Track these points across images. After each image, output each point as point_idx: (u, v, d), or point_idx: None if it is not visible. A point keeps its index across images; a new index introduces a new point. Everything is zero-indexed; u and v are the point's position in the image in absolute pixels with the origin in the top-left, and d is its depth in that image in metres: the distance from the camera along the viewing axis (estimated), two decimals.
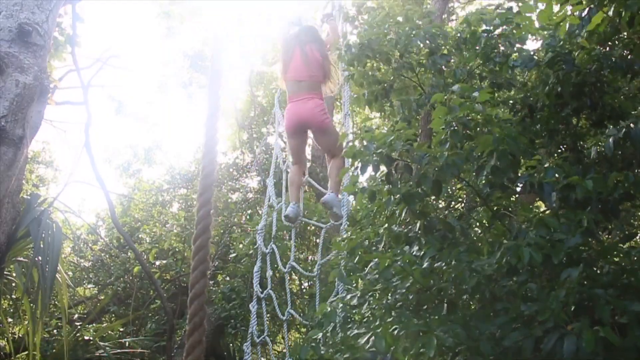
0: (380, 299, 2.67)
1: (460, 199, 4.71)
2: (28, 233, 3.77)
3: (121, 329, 7.85)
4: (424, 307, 2.59)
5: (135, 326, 8.03)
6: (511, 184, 2.60)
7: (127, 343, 6.90)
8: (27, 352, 4.20)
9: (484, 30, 3.48)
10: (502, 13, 3.50)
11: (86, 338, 6.33)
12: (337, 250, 3.73)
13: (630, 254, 2.32)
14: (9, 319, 5.89)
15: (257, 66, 9.86)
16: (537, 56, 3.45)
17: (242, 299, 6.89)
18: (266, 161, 8.47)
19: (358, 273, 2.94)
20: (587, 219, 2.25)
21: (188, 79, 10.79)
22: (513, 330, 2.15)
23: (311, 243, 7.67)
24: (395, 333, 2.21)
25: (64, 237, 6.52)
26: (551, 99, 3.38)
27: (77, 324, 6.70)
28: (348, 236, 3.26)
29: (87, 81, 6.26)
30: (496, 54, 3.42)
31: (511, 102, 3.72)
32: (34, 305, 4.07)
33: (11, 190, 3.41)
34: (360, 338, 2.36)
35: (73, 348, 6.03)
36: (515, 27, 3.45)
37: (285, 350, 4.61)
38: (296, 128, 4.45)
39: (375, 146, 2.66)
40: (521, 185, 2.63)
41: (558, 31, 3.19)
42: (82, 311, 8.54)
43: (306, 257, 7.48)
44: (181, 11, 10.46)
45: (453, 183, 4.17)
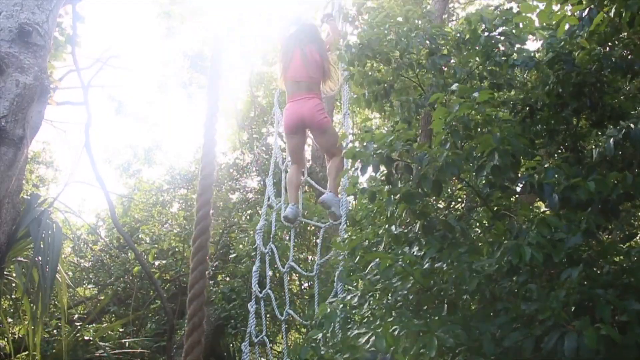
0: (380, 299, 2.67)
1: (460, 199, 4.71)
2: (28, 233, 3.77)
3: (121, 329, 7.84)
4: (425, 308, 2.59)
5: (135, 326, 8.03)
6: (511, 184, 2.60)
7: (127, 343, 6.90)
8: (27, 352, 4.20)
9: (485, 28, 3.48)
10: (502, 12, 3.50)
11: (86, 338, 6.33)
12: (337, 250, 3.74)
13: (630, 254, 2.32)
14: (9, 319, 5.88)
15: (258, 66, 9.86)
16: (537, 56, 3.45)
17: (242, 299, 6.88)
18: (266, 161, 8.47)
19: (358, 273, 2.94)
20: (588, 221, 2.25)
21: (188, 79, 10.79)
22: (513, 330, 2.15)
23: (311, 243, 7.66)
24: (395, 333, 2.21)
25: (64, 237, 6.52)
26: (551, 99, 3.38)
27: (77, 324, 6.69)
28: (349, 236, 3.26)
29: (87, 81, 6.27)
30: (496, 53, 3.42)
31: (511, 103, 3.71)
32: (34, 305, 4.07)
33: (11, 190, 3.41)
34: (360, 338, 2.37)
35: (73, 348, 6.03)
36: (515, 27, 3.45)
37: (287, 349, 4.60)
38: (295, 127, 4.45)
39: (375, 146, 2.66)
40: (521, 185, 2.63)
41: (558, 31, 3.19)
42: (82, 311, 8.53)
43: (306, 257, 7.47)
44: (181, 11, 10.46)
45: (453, 183, 4.17)
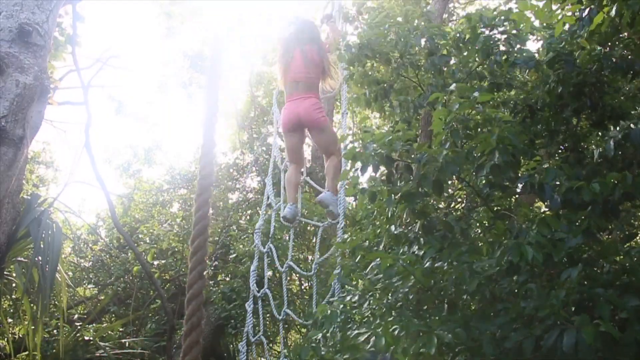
0: (380, 299, 2.68)
1: (460, 199, 4.71)
2: (28, 233, 3.77)
3: (121, 329, 7.83)
4: (425, 307, 2.59)
5: (135, 326, 8.02)
6: (511, 184, 2.60)
7: (127, 343, 6.89)
8: (27, 352, 4.20)
9: (485, 25, 3.48)
10: (502, 12, 3.50)
11: (86, 338, 6.32)
12: (337, 249, 3.74)
13: (630, 254, 2.32)
14: (9, 319, 5.88)
15: (258, 66, 9.86)
16: (538, 56, 3.45)
17: (243, 299, 6.87)
18: (266, 161, 8.46)
19: (359, 272, 2.94)
20: (590, 222, 2.25)
21: (188, 79, 10.78)
22: (513, 330, 2.15)
23: (311, 243, 7.65)
24: (395, 333, 2.21)
25: (64, 237, 6.52)
26: (552, 98, 3.38)
27: (77, 324, 6.69)
28: (349, 236, 3.26)
29: (87, 81, 6.25)
30: (496, 53, 3.42)
31: (511, 103, 3.71)
32: (34, 305, 4.07)
33: (11, 190, 3.41)
34: (360, 337, 2.37)
35: (73, 348, 6.03)
36: (514, 26, 3.44)
37: (284, 350, 4.60)
38: (293, 126, 4.47)
39: (375, 146, 2.66)
40: (521, 185, 2.63)
41: (555, 31, 3.19)
42: (82, 311, 8.53)
43: (306, 257, 7.47)
44: (181, 11, 10.46)
45: (453, 183, 4.17)
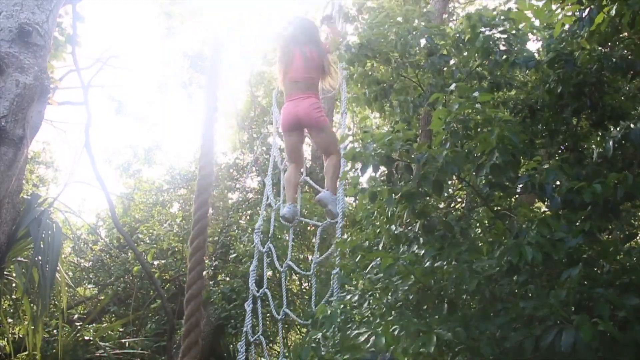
0: (380, 299, 2.68)
1: (460, 199, 4.70)
2: (28, 233, 3.78)
3: (121, 329, 7.83)
4: (425, 307, 2.59)
5: (135, 326, 8.02)
6: (511, 184, 2.60)
7: (127, 343, 6.89)
8: (27, 353, 4.20)
9: (485, 24, 3.48)
10: (501, 12, 3.50)
11: (86, 338, 6.32)
12: (337, 249, 3.73)
13: (630, 253, 2.32)
14: (9, 319, 5.88)
15: (258, 66, 9.85)
16: (538, 56, 3.44)
17: (243, 299, 6.86)
18: (266, 161, 8.46)
19: (359, 272, 2.94)
20: (592, 225, 2.25)
21: (188, 79, 10.77)
22: (513, 330, 2.15)
23: (311, 243, 7.65)
24: (395, 332, 2.21)
25: (64, 237, 6.52)
26: (552, 96, 3.38)
27: (77, 324, 6.69)
28: (349, 236, 3.26)
29: (87, 81, 6.25)
30: (496, 52, 3.42)
31: (511, 103, 3.71)
32: (34, 305, 4.07)
33: (11, 190, 3.41)
34: (360, 337, 2.37)
35: (73, 348, 6.03)
36: (513, 27, 3.44)
37: (284, 350, 4.59)
38: (292, 126, 4.48)
39: (375, 146, 2.66)
40: (521, 185, 2.62)
41: (554, 31, 3.19)
42: (82, 311, 8.53)
43: (306, 257, 7.47)
44: (181, 11, 10.46)
45: (453, 183, 4.17)
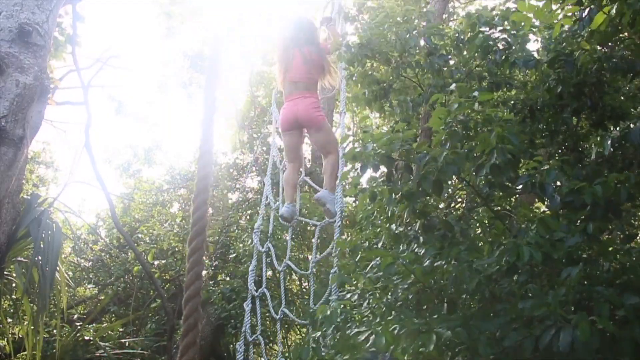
0: (380, 298, 2.68)
1: (460, 199, 4.71)
2: (28, 233, 3.77)
3: (121, 329, 7.83)
4: (424, 307, 2.59)
5: (135, 326, 8.01)
6: (511, 184, 2.60)
7: (127, 343, 6.89)
8: (27, 352, 4.20)
9: (485, 22, 3.48)
10: (501, 12, 3.50)
11: (86, 338, 6.32)
12: (336, 248, 3.73)
13: (630, 252, 2.32)
14: (9, 319, 5.88)
15: (258, 66, 9.85)
16: (538, 56, 3.44)
17: (242, 299, 6.85)
18: (266, 161, 8.46)
19: (359, 271, 2.94)
20: (594, 227, 2.25)
21: (188, 79, 10.77)
22: (513, 330, 2.15)
23: (311, 243, 7.64)
24: (395, 332, 2.21)
25: (64, 237, 6.52)
26: (551, 95, 3.38)
27: (77, 324, 6.69)
28: (349, 236, 3.26)
29: (87, 81, 6.25)
30: (495, 51, 3.42)
31: (511, 103, 3.71)
32: (34, 305, 4.07)
33: (11, 190, 3.41)
34: (360, 335, 2.37)
35: (73, 348, 6.03)
36: (513, 27, 3.44)
37: (284, 350, 4.58)
38: (291, 125, 4.49)
39: (374, 146, 2.66)
40: (521, 185, 2.62)
41: (553, 32, 3.19)
42: (82, 311, 8.53)
43: (306, 257, 7.47)
44: (181, 11, 10.46)
45: (453, 183, 4.17)
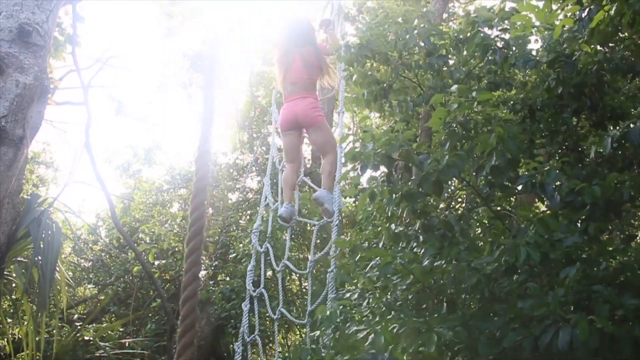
0: (380, 298, 2.68)
1: (460, 199, 4.71)
2: (28, 233, 3.77)
3: (121, 329, 7.82)
4: (424, 306, 2.59)
5: (135, 326, 8.01)
6: (511, 184, 2.60)
7: (127, 343, 6.89)
8: (27, 352, 4.20)
9: (484, 21, 3.48)
10: (502, 12, 3.50)
11: (86, 338, 6.32)
12: (335, 247, 3.73)
13: (627, 251, 2.33)
14: (9, 319, 5.88)
15: (258, 66, 9.85)
16: (538, 56, 3.44)
17: (242, 299, 6.84)
18: (266, 161, 8.45)
19: (358, 271, 2.94)
20: (595, 228, 2.25)
21: (188, 79, 10.76)
22: (512, 330, 2.15)
23: (310, 243, 7.64)
24: (394, 331, 2.21)
25: (64, 237, 6.52)
26: (551, 94, 3.38)
27: (77, 324, 6.69)
28: (349, 235, 3.26)
29: (87, 81, 6.25)
30: (494, 51, 3.42)
31: (511, 103, 3.71)
32: (34, 305, 4.07)
33: (11, 190, 3.41)
34: (359, 333, 2.37)
35: (73, 348, 6.03)
36: (512, 27, 3.44)
37: (283, 350, 4.59)
38: (290, 125, 4.51)
39: (374, 146, 2.66)
40: (521, 185, 2.62)
41: (553, 33, 3.18)
42: (82, 311, 8.53)
43: (305, 257, 7.47)
44: (181, 11, 10.45)
45: (453, 183, 4.18)
